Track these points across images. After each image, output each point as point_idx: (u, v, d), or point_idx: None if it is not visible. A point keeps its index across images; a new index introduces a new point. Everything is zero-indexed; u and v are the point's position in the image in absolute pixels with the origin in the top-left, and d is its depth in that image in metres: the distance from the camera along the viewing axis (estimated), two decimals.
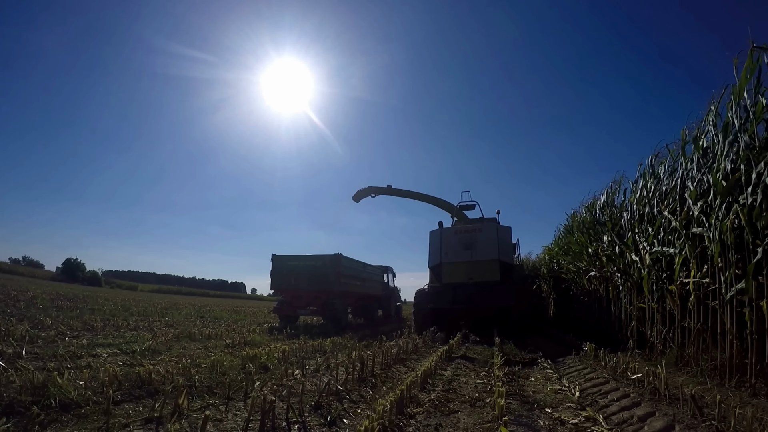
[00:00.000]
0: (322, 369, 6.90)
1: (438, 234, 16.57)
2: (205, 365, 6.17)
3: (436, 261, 16.12)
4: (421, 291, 16.42)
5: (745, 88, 6.03)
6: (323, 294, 16.53)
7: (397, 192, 20.41)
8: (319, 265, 16.53)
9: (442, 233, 16.54)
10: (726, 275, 6.02)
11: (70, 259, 59.50)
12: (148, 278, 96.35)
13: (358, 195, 20.77)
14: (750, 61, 5.84)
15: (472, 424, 4.47)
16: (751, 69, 5.87)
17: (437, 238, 16.47)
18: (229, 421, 4.07)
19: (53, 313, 13.26)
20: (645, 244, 8.62)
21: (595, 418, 4.59)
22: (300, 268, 16.71)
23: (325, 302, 16.53)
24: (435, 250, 16.43)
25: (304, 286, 16.65)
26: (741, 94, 6.09)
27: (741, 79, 6.03)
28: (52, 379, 4.28)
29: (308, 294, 16.76)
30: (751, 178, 5.55)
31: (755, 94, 5.86)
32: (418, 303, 16.02)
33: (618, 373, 6.70)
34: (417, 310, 15.99)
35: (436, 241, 16.46)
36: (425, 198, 19.85)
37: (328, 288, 16.43)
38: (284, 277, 16.80)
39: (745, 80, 6.00)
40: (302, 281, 16.61)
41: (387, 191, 20.40)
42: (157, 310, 19.76)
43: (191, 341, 9.73)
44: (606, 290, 11.65)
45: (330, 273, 16.37)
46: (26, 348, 6.89)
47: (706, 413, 4.42)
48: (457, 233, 16.40)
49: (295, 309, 17.13)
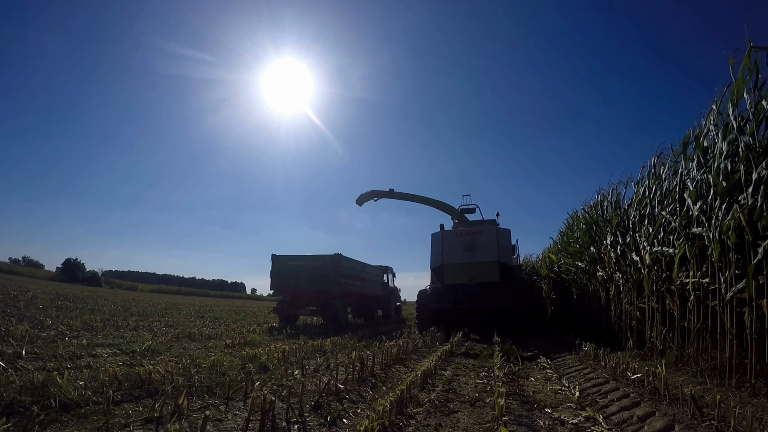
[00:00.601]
0: (322, 369, 6.90)
1: (439, 236, 16.82)
2: (205, 365, 6.17)
3: (438, 262, 16.34)
4: (424, 291, 16.91)
5: (744, 88, 6.03)
6: (323, 294, 16.55)
7: (399, 195, 21.28)
8: (319, 265, 16.58)
9: (444, 235, 16.80)
10: (726, 275, 6.02)
11: (69, 259, 59.48)
12: (148, 278, 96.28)
13: (361, 198, 21.59)
14: (747, 61, 5.84)
15: (471, 424, 4.47)
16: (750, 69, 5.87)
17: (439, 240, 16.74)
18: (229, 421, 4.07)
19: (53, 313, 13.26)
20: (645, 243, 8.62)
21: (594, 418, 4.59)
22: (300, 268, 16.75)
23: (325, 302, 16.57)
24: (437, 251, 16.66)
25: (304, 286, 16.68)
26: (740, 95, 6.09)
27: (739, 79, 6.03)
28: (52, 379, 4.28)
29: (308, 294, 16.79)
30: (751, 178, 5.55)
31: (754, 91, 5.87)
32: (421, 303, 16.51)
33: (618, 373, 6.70)
34: (420, 310, 16.49)
35: (437, 243, 16.72)
36: (427, 201, 20.64)
37: (328, 288, 16.48)
38: (284, 277, 16.82)
39: (743, 80, 6.00)
40: (302, 281, 16.64)
41: (389, 195, 21.27)
42: (157, 310, 19.77)
43: (191, 341, 9.73)
44: (606, 290, 11.74)
45: (330, 273, 16.43)
46: (26, 348, 6.89)
47: (705, 413, 4.42)
48: (458, 235, 16.68)
49: (295, 309, 17.15)
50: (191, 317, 17.92)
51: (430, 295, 16.46)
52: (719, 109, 6.74)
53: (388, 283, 24.54)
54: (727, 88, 6.41)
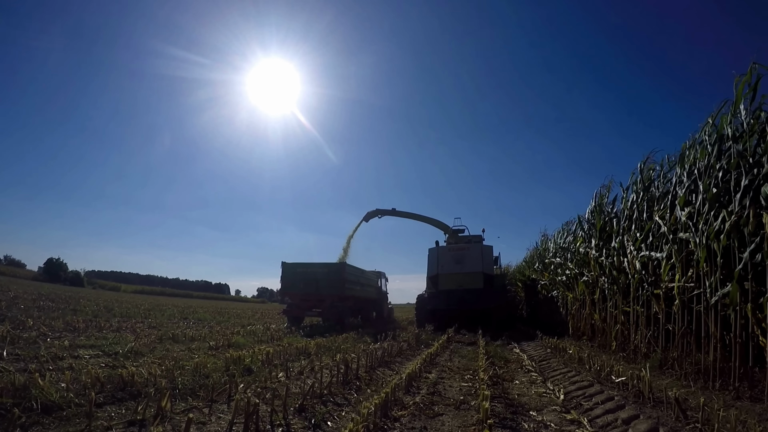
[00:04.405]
0: (307, 372, 6.85)
1: (435, 251, 21.38)
2: (189, 367, 6.09)
3: (434, 272, 20.83)
4: (422, 296, 21.27)
5: (741, 102, 6.21)
6: (328, 297, 18.27)
7: (401, 213, 25.16)
8: (325, 272, 18.52)
9: (439, 251, 21.39)
10: (711, 280, 6.09)
11: (52, 258, 58.83)
12: (131, 279, 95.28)
13: (367, 216, 25.07)
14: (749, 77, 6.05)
15: (456, 427, 4.46)
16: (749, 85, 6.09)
17: (434, 254, 21.26)
18: (213, 423, 4.02)
19: (35, 313, 13.03)
20: (632, 248, 8.69)
21: (579, 421, 4.60)
22: (308, 274, 18.56)
23: (331, 305, 18.24)
24: (432, 263, 21.12)
25: (311, 291, 18.45)
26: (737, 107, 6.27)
27: (738, 93, 6.23)
28: (34, 381, 4.19)
29: (315, 297, 18.48)
30: (740, 185, 5.65)
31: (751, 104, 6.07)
32: (420, 305, 20.85)
33: (602, 376, 6.74)
34: (419, 310, 20.85)
35: (433, 257, 21.21)
36: (425, 219, 24.70)
37: (333, 292, 18.25)
38: (293, 282, 18.64)
39: (742, 95, 6.19)
40: (310, 286, 18.42)
41: (392, 213, 25.03)
42: (140, 311, 19.55)
43: (174, 343, 9.61)
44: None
45: (335, 279, 18.33)
46: (7, 349, 6.75)
47: (690, 416, 4.45)
48: (450, 251, 21.21)
49: (302, 311, 18.89)
50: (175, 318, 17.78)
51: (427, 298, 20.65)
52: (714, 122, 6.90)
53: (381, 287, 26.40)
54: (725, 103, 6.69)
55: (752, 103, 6.09)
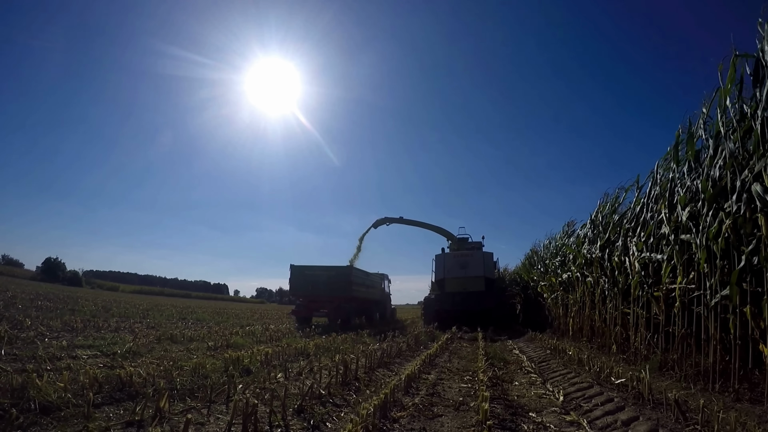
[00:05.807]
0: (306, 372, 6.83)
1: (441, 257, 23.80)
2: (187, 368, 6.07)
3: (441, 276, 23.18)
4: (429, 297, 24.11)
5: (728, 97, 6.12)
6: (336, 299, 19.10)
7: (408, 222, 27.24)
8: (333, 274, 19.32)
9: (445, 257, 23.82)
10: (711, 281, 6.07)
11: (50, 258, 58.83)
12: (130, 279, 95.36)
13: (376, 223, 26.91)
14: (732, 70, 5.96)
15: (456, 428, 4.44)
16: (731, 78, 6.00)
17: (441, 260, 23.62)
18: (211, 424, 4.01)
19: (33, 313, 13.02)
20: (635, 249, 8.67)
21: (579, 423, 4.59)
22: (317, 276, 19.29)
23: (338, 306, 19.13)
24: (439, 268, 23.43)
25: (319, 292, 19.17)
26: (725, 99, 6.17)
27: (726, 88, 6.12)
28: (31, 381, 4.18)
29: (323, 299, 19.24)
30: (735, 185, 5.62)
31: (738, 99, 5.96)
32: (427, 305, 23.62)
33: (602, 377, 6.73)
34: (426, 310, 23.52)
35: (440, 262, 23.58)
36: (431, 227, 26.93)
37: (341, 294, 19.07)
38: (302, 284, 19.38)
39: (728, 89, 6.11)
40: (318, 288, 19.12)
41: (399, 221, 26.96)
42: (139, 311, 19.51)
43: (173, 343, 9.59)
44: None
45: (343, 281, 19.15)
46: (5, 349, 6.74)
47: (689, 418, 4.44)
48: (455, 257, 23.68)
49: (311, 311, 19.55)
50: (173, 319, 17.73)
51: (434, 299, 23.13)
52: (709, 112, 6.81)
53: (384, 288, 27.29)
54: (716, 92, 6.49)
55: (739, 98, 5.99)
